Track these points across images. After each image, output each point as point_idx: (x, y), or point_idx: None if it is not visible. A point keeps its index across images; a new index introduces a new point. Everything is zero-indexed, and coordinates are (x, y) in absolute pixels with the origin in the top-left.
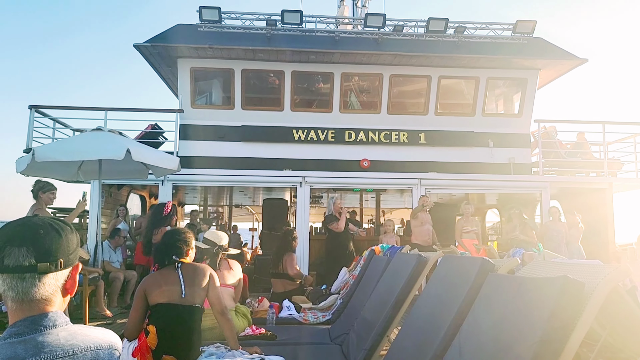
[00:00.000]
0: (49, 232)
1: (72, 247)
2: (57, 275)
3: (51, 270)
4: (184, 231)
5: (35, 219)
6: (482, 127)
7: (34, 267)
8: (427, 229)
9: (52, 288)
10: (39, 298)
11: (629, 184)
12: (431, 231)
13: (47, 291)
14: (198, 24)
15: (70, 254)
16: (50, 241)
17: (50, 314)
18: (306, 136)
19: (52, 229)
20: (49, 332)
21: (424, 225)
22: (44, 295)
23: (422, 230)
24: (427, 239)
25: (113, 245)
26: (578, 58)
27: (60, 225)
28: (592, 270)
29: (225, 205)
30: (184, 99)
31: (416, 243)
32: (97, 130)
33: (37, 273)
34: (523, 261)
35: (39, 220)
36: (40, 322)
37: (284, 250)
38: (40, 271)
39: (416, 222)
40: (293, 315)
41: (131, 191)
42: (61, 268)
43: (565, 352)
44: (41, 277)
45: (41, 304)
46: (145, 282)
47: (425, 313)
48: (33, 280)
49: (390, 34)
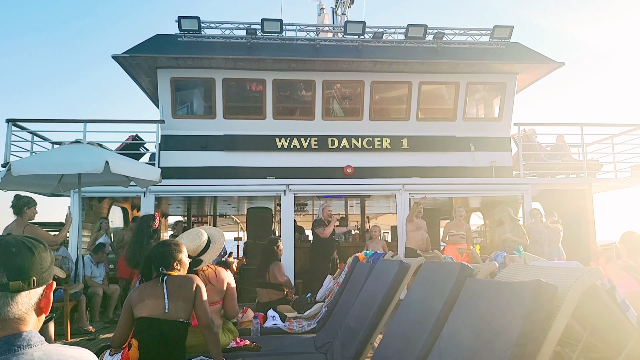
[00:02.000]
0: (21, 250)
1: (45, 265)
2: (31, 293)
3: (24, 289)
4: (171, 243)
5: (8, 237)
6: (463, 132)
7: (6, 286)
8: (421, 234)
9: (26, 307)
10: (12, 317)
11: (608, 185)
12: (426, 237)
13: (20, 310)
14: (177, 34)
15: (43, 272)
16: (23, 259)
17: (25, 334)
18: (289, 144)
19: (24, 247)
20: (23, 352)
21: (419, 230)
22: (17, 314)
23: (416, 235)
24: (421, 244)
25: (95, 261)
26: (555, 62)
27: (32, 243)
28: (566, 273)
29: (209, 215)
30: (164, 109)
31: (410, 247)
32: (76, 143)
33: (10, 292)
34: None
35: (11, 239)
36: (14, 342)
37: (269, 260)
38: (13, 290)
39: (412, 227)
40: (278, 325)
41: (113, 203)
42: (34, 286)
43: (542, 354)
44: (14, 295)
45: (15, 324)
46: (131, 294)
47: (407, 319)
48: (5, 299)
49: (370, 41)
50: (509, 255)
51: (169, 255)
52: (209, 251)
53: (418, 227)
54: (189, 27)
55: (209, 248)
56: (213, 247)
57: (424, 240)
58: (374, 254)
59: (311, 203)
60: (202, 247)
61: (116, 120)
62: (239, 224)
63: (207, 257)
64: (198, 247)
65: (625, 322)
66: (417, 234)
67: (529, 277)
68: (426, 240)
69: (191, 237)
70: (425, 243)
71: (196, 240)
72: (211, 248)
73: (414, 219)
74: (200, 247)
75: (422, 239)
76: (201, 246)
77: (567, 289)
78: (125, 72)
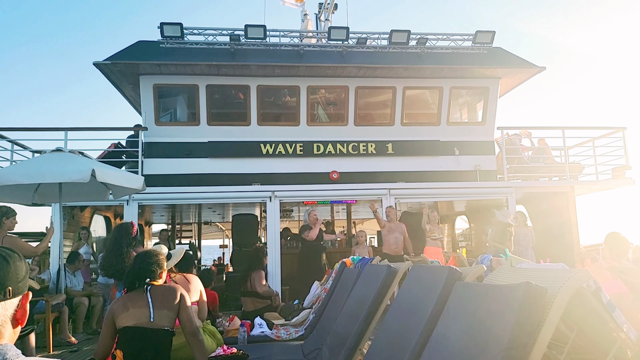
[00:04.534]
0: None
1: (20, 275)
2: (6, 304)
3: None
4: (156, 253)
5: None
6: (448, 136)
7: None
8: (394, 237)
9: (1, 318)
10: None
11: (589, 187)
12: (400, 240)
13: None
14: (160, 40)
15: (19, 282)
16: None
17: (0, 347)
18: (274, 150)
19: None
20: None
21: (392, 234)
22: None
23: (389, 239)
24: (395, 248)
25: (72, 270)
26: (536, 66)
27: (7, 253)
28: (555, 275)
29: (194, 223)
30: (147, 116)
31: (385, 253)
32: (57, 151)
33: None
34: (491, 267)
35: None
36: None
37: (252, 268)
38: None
39: (385, 231)
40: (265, 333)
41: (95, 212)
42: (10, 297)
43: (532, 357)
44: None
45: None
46: (113, 305)
47: (396, 325)
48: None
49: (354, 47)
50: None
51: (157, 267)
52: (171, 260)
53: (390, 230)
54: (171, 34)
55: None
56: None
57: (398, 243)
58: (361, 259)
59: (297, 209)
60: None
61: (98, 128)
62: (224, 231)
63: (169, 263)
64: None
65: (611, 323)
66: (391, 238)
67: (517, 279)
68: (401, 244)
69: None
70: (401, 246)
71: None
72: (172, 258)
73: (385, 224)
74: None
75: (395, 242)
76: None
77: (556, 291)
78: (107, 80)
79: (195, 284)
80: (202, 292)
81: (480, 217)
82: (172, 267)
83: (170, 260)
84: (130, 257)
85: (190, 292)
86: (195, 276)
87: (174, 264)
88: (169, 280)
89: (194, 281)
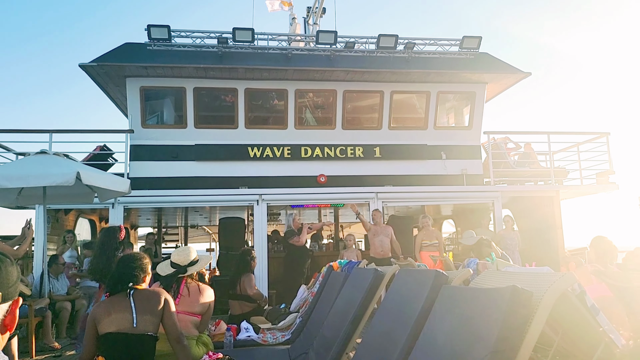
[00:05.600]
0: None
1: (11, 280)
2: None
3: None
4: (139, 257)
5: None
6: (435, 140)
7: None
8: (380, 240)
9: None
10: None
11: (574, 191)
12: (386, 243)
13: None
14: (147, 42)
15: (9, 287)
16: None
17: None
18: (262, 153)
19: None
20: None
21: (378, 237)
22: None
23: (375, 242)
24: (381, 251)
25: (54, 274)
26: (522, 72)
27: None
28: (540, 279)
29: (180, 227)
30: (134, 118)
31: (372, 256)
32: (42, 154)
33: None
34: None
35: None
36: None
37: (241, 271)
38: None
39: (370, 234)
40: (252, 337)
41: (80, 215)
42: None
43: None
44: None
45: None
46: (95, 310)
47: (383, 329)
48: None
49: (342, 51)
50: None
51: (141, 271)
52: (196, 265)
53: (376, 233)
54: (158, 36)
55: (196, 263)
56: (200, 263)
57: (384, 246)
58: (348, 263)
59: (284, 212)
60: (190, 260)
61: (83, 130)
62: (211, 234)
63: (193, 269)
64: (186, 260)
65: (595, 327)
66: (376, 241)
67: (503, 283)
68: (387, 247)
69: (181, 252)
70: (387, 249)
71: (185, 254)
72: (198, 264)
73: (371, 227)
74: (188, 260)
75: (380, 246)
76: (189, 260)
77: (542, 294)
78: (93, 82)
79: (206, 295)
80: (211, 305)
81: (467, 221)
82: (193, 273)
83: (195, 265)
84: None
85: (200, 302)
86: (210, 287)
87: (199, 269)
88: (182, 285)
89: (206, 292)
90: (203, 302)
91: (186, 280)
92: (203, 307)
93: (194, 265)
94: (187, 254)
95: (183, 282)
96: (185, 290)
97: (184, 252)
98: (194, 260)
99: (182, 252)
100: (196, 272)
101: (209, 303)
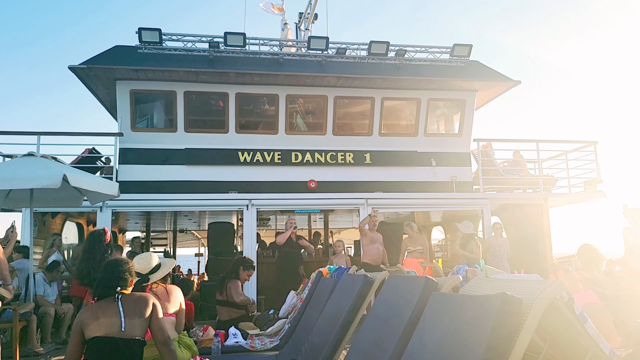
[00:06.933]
0: None
1: None
2: None
3: None
4: (125, 261)
5: None
6: (425, 147)
7: None
8: (376, 247)
9: None
10: None
11: (562, 199)
12: (381, 250)
13: None
14: (138, 45)
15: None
16: None
17: None
18: (252, 158)
19: None
20: None
21: (374, 244)
22: None
23: (371, 249)
24: (376, 258)
25: (49, 279)
26: (512, 80)
27: None
28: (530, 286)
29: (169, 231)
30: (123, 121)
31: (365, 262)
32: (29, 156)
33: None
34: (467, 277)
35: None
36: None
37: (228, 277)
38: None
39: (366, 240)
40: (240, 343)
41: (67, 219)
42: None
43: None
44: None
45: None
46: (82, 314)
47: (372, 335)
48: None
49: (333, 57)
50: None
51: (128, 275)
52: (159, 272)
53: (372, 241)
54: (149, 39)
55: (158, 270)
56: (163, 269)
57: (379, 253)
58: (338, 269)
59: (274, 218)
60: (152, 268)
61: (72, 132)
62: (200, 239)
63: (156, 276)
64: (147, 267)
65: (583, 334)
66: (372, 248)
67: (492, 290)
68: (382, 254)
69: (141, 259)
70: (381, 256)
71: (146, 261)
72: (160, 270)
73: (367, 233)
74: (150, 267)
75: (377, 253)
76: (150, 267)
77: (532, 301)
78: (83, 84)
79: (175, 295)
80: (182, 304)
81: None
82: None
83: (159, 271)
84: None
85: (170, 304)
86: (177, 287)
87: (162, 276)
88: (148, 291)
89: (174, 292)
90: (174, 301)
91: (151, 287)
92: (175, 306)
93: (156, 273)
94: (148, 261)
95: (148, 289)
96: (144, 293)
97: (145, 260)
98: (155, 266)
99: (143, 260)
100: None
101: (179, 301)
